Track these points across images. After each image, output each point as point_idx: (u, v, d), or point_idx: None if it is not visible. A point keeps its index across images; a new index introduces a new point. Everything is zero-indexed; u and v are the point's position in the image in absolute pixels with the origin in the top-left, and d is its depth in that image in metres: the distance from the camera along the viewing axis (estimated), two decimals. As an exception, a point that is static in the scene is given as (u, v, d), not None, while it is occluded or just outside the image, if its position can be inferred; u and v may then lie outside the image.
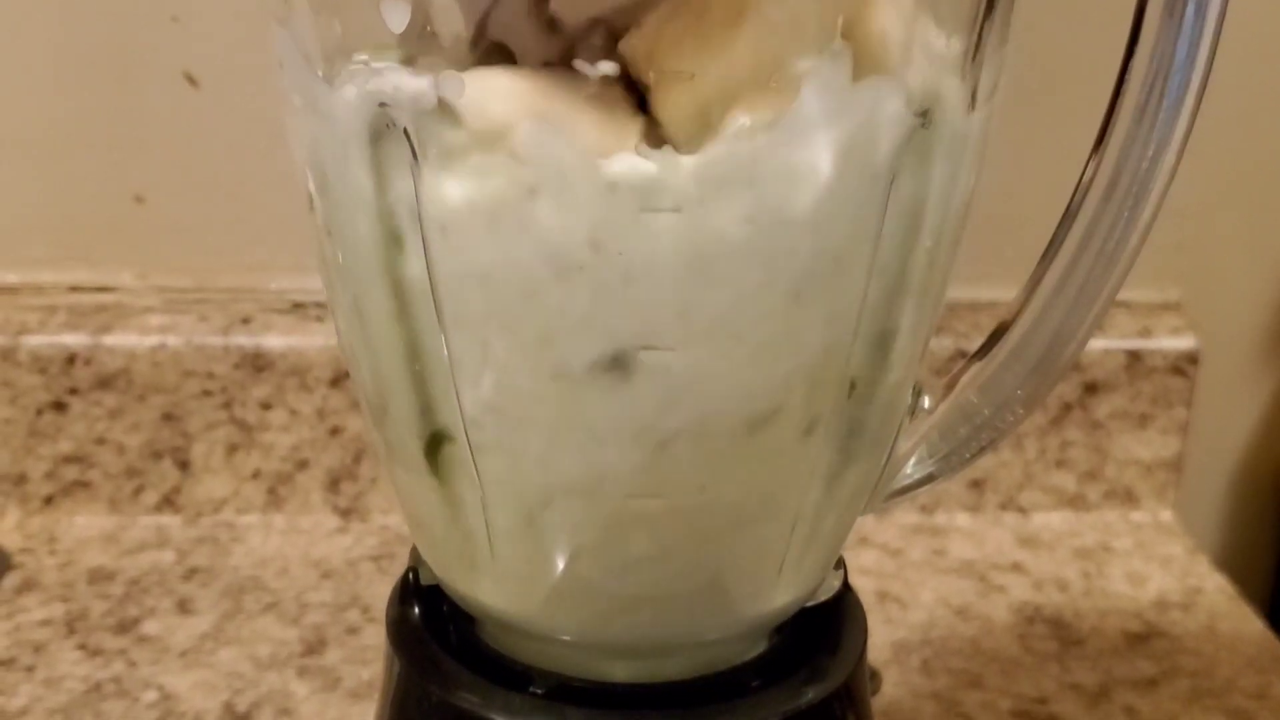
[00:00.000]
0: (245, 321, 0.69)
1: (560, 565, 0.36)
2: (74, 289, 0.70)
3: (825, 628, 0.41)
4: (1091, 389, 0.72)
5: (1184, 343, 0.72)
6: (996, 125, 0.36)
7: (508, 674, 0.38)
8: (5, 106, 0.67)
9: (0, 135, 0.68)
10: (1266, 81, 0.72)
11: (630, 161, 0.30)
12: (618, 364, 0.32)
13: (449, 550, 0.38)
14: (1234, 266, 0.75)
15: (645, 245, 0.31)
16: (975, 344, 0.67)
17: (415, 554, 0.41)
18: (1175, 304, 0.74)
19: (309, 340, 0.68)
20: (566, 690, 0.38)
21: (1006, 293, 0.37)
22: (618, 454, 0.34)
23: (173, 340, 0.68)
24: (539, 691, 0.38)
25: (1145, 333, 0.72)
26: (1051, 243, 0.36)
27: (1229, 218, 0.74)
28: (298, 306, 0.70)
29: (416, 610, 0.40)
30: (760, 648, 0.40)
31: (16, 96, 0.67)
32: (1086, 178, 0.35)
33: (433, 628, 0.40)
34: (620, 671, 0.38)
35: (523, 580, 0.37)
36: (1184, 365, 0.72)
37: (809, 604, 0.40)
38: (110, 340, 0.68)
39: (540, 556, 0.36)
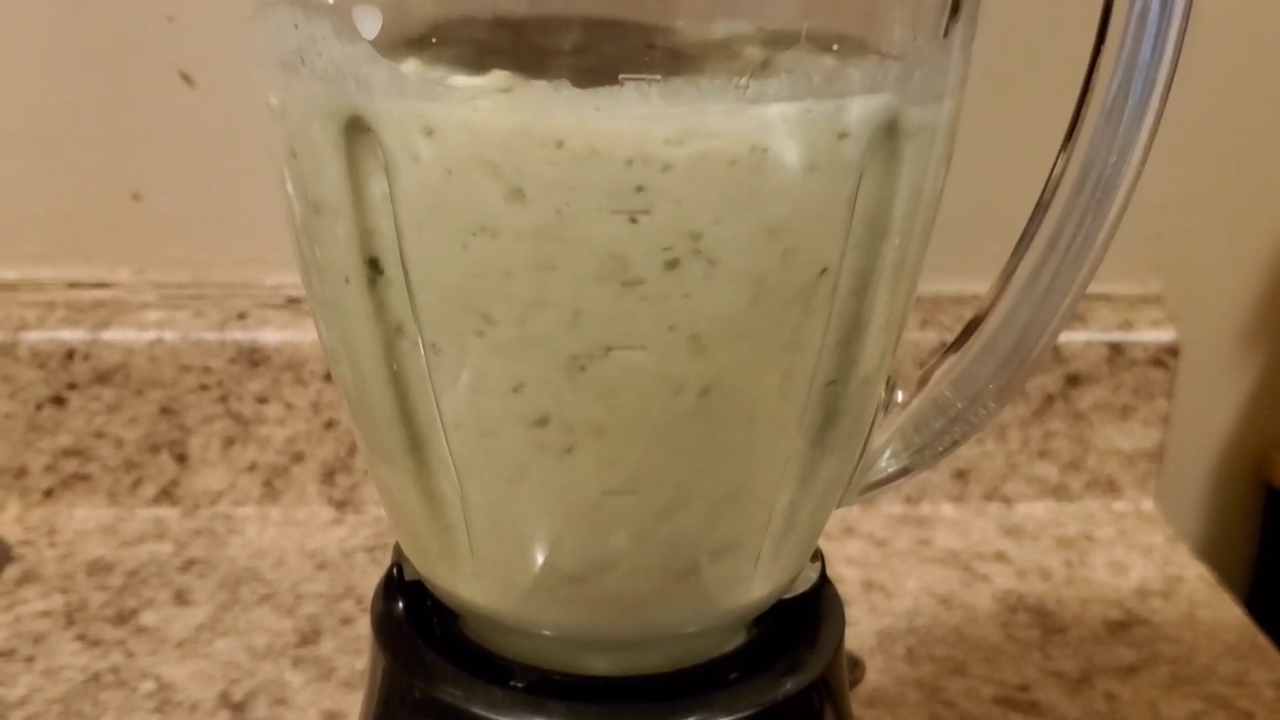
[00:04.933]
0: (241, 316, 0.70)
1: (539, 561, 0.36)
2: (72, 285, 0.71)
3: (803, 620, 0.41)
4: (1073, 381, 0.72)
5: (1165, 335, 0.73)
6: (981, 118, 0.37)
7: (490, 668, 0.39)
8: (3, 104, 0.68)
9: (-2, 133, 0.69)
10: (1246, 74, 0.72)
11: (603, 162, 0.30)
12: (590, 361, 0.33)
13: (430, 546, 0.38)
14: (1214, 259, 0.76)
15: (616, 244, 0.31)
16: (959, 337, 0.67)
17: (398, 550, 0.41)
18: (1156, 297, 0.74)
19: (304, 335, 0.69)
20: (547, 683, 0.38)
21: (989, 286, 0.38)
22: (593, 451, 0.34)
23: (170, 335, 0.69)
24: (520, 685, 0.38)
25: (1126, 325, 0.73)
26: (1023, 236, 0.36)
27: (1209, 211, 0.75)
28: (293, 301, 0.71)
29: (400, 605, 0.41)
30: (739, 640, 0.41)
31: (14, 94, 0.68)
32: (1056, 173, 0.35)
33: (416, 622, 0.40)
34: (600, 665, 0.39)
35: (502, 576, 0.37)
36: (1164, 357, 0.73)
37: (787, 596, 0.41)
38: (108, 335, 0.68)
39: (519, 552, 0.36)
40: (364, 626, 0.62)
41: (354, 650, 0.60)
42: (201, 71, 0.68)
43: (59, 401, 0.69)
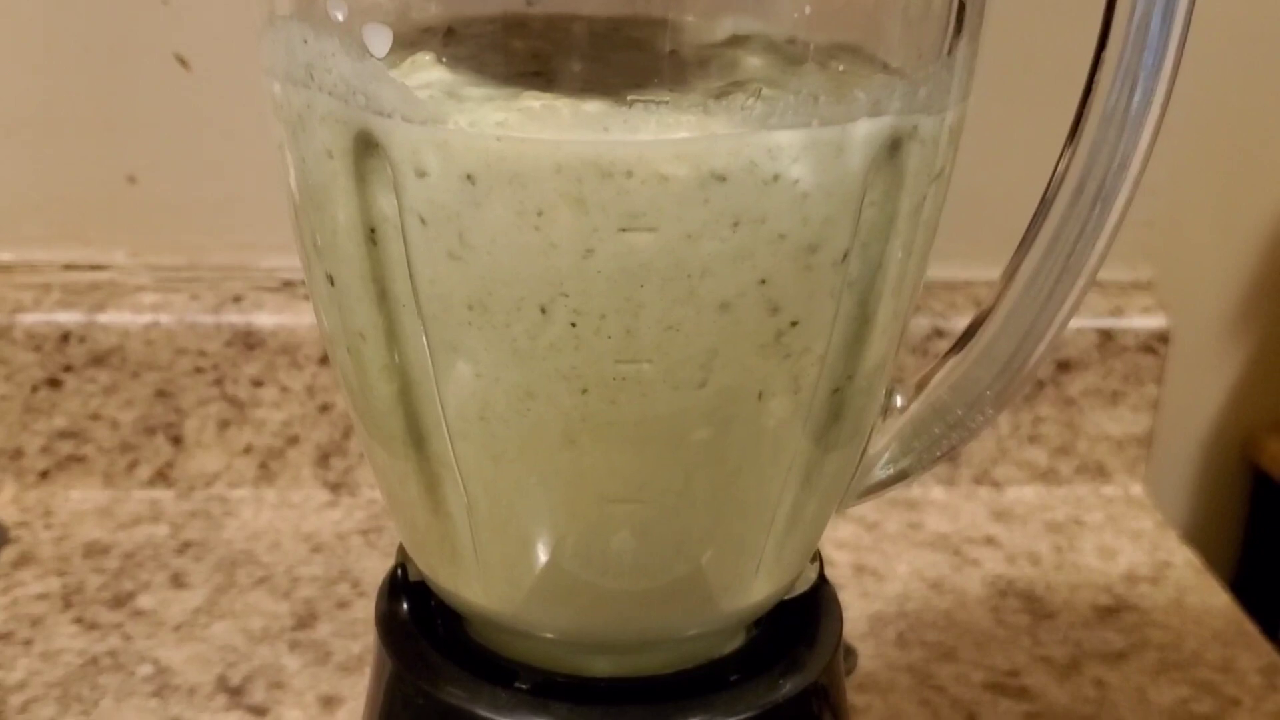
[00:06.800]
0: (236, 300, 0.70)
1: (542, 563, 0.37)
2: (68, 267, 0.71)
3: (802, 620, 0.42)
4: (1064, 367, 0.73)
5: (1155, 322, 0.73)
6: (976, 108, 0.37)
7: (494, 669, 0.39)
8: (-2, 87, 0.68)
9: (-6, 116, 0.68)
10: (1236, 62, 0.72)
11: (611, 182, 0.31)
12: (597, 371, 0.33)
13: (433, 547, 0.38)
14: (1204, 246, 0.76)
15: (625, 261, 0.31)
16: (952, 322, 0.68)
17: (402, 550, 0.42)
18: (1146, 283, 0.75)
19: (299, 318, 0.69)
20: (551, 685, 0.38)
21: (982, 273, 0.38)
22: (596, 458, 0.34)
23: (165, 318, 0.69)
24: (524, 686, 0.38)
25: (1117, 312, 0.73)
26: (1024, 238, 0.37)
27: (1199, 198, 0.75)
28: (288, 285, 0.71)
29: (405, 606, 0.41)
30: (738, 641, 0.41)
31: (9, 78, 0.68)
32: (1059, 171, 0.35)
33: (421, 623, 0.41)
34: (602, 666, 0.39)
35: (506, 578, 0.37)
36: (1154, 344, 0.73)
37: (787, 597, 0.41)
38: (104, 318, 0.69)
39: (522, 555, 0.37)
40: (360, 610, 0.62)
41: (350, 634, 0.61)
42: (197, 54, 0.68)
43: (55, 384, 0.69)
